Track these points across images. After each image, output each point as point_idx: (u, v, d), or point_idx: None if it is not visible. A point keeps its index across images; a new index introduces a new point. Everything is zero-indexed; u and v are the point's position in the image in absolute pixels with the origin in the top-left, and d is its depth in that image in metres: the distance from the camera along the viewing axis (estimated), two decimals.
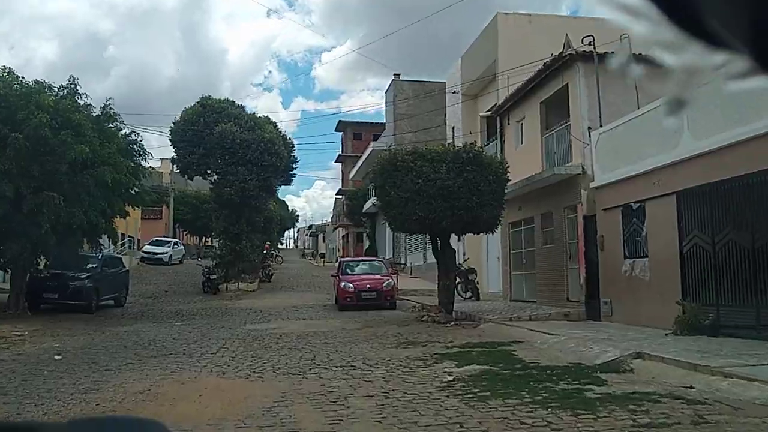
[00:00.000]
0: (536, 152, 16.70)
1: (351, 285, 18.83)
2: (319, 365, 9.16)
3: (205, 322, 16.02)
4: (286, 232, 74.59)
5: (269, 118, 27.14)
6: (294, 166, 27.47)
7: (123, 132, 18.31)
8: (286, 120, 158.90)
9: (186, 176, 27.08)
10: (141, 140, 18.74)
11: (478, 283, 19.94)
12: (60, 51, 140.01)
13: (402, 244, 34.21)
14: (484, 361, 8.91)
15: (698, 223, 10.77)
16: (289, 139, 27.30)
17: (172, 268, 32.72)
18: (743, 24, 0.55)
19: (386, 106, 37.26)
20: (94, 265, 18.68)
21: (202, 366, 9.38)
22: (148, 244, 38.01)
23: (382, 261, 22.72)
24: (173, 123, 25.52)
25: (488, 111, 21.13)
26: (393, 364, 9.07)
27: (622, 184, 12.72)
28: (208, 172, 25.66)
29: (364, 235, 45.61)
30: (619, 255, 12.89)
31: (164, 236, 40.37)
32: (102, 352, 10.89)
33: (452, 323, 14.08)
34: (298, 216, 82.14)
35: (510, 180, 14.84)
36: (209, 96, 26.34)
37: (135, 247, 38.35)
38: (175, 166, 26.01)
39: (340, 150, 57.06)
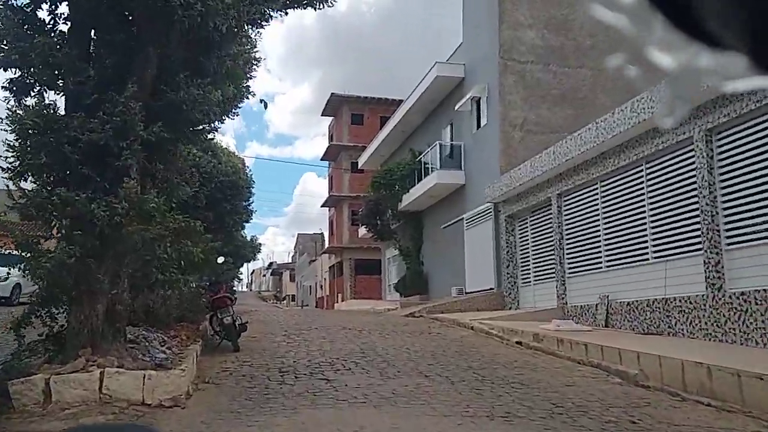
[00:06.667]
0: None
1: None
2: None
3: None
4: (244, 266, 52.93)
5: None
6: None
7: None
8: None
9: None
10: None
11: None
12: None
13: (516, 259, 15.54)
14: None
15: None
16: None
17: None
18: (741, 23, 0.53)
19: None
20: None
21: None
22: None
23: None
24: None
25: None
26: None
27: None
28: None
29: (387, 256, 26.90)
30: None
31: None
32: None
33: None
34: (260, 245, 58.62)
35: None
36: None
37: None
38: None
39: (329, 140, 38.60)
